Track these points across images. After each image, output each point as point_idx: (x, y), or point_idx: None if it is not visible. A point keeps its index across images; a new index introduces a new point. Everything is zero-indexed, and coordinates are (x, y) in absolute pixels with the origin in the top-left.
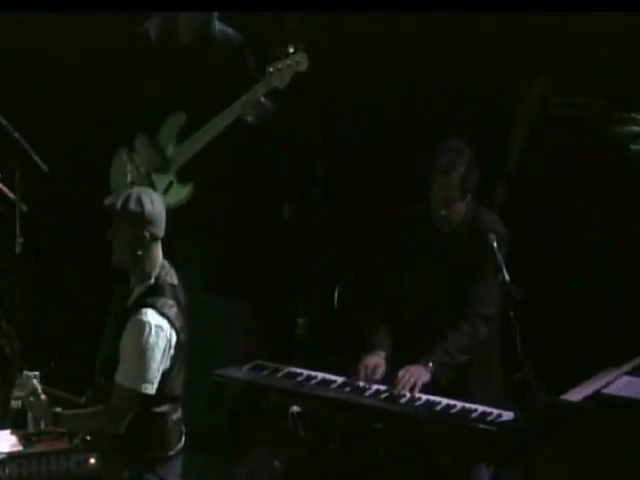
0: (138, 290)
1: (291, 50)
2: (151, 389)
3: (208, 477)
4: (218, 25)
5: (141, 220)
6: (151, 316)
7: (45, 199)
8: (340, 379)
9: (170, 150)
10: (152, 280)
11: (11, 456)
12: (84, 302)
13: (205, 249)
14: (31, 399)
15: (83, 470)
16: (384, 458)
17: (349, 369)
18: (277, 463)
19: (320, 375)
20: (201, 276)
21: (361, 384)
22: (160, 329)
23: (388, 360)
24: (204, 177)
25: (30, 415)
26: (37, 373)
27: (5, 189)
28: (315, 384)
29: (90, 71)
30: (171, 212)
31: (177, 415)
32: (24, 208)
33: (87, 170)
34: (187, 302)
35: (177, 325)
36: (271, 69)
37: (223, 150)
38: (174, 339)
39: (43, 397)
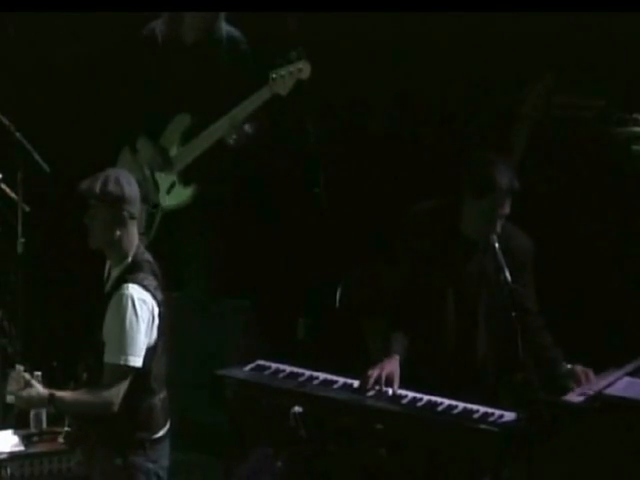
0: (117, 271)
1: (294, 57)
2: (139, 362)
3: (208, 477)
4: (225, 26)
5: (121, 201)
6: (133, 289)
7: (47, 199)
8: (342, 379)
9: (174, 151)
10: (130, 259)
11: (13, 456)
12: (86, 302)
13: (207, 249)
14: (24, 393)
15: (84, 470)
16: (386, 459)
17: (351, 369)
18: (278, 463)
19: (322, 375)
20: (203, 276)
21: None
22: (143, 302)
23: (402, 365)
24: (206, 178)
25: (32, 415)
26: (39, 373)
27: (7, 189)
28: (317, 384)
29: (93, 71)
30: (173, 212)
31: (163, 394)
32: (26, 208)
33: (89, 170)
34: (163, 278)
35: (158, 298)
36: (274, 75)
37: (225, 151)
38: (156, 311)
39: (34, 383)
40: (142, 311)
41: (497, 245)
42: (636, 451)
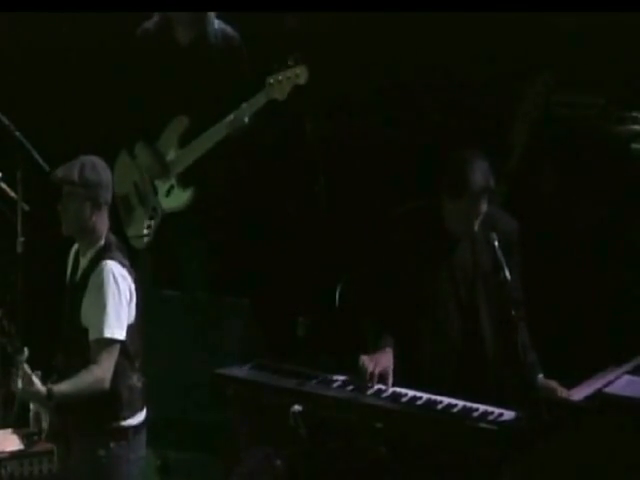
0: (90, 253)
1: (291, 62)
2: (123, 335)
3: (208, 476)
4: (217, 23)
5: (98, 187)
6: (112, 266)
7: (46, 198)
8: (341, 378)
9: (171, 154)
10: (102, 241)
11: (12, 455)
12: None
13: (206, 249)
14: (25, 387)
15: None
16: (385, 457)
17: (351, 368)
18: (278, 462)
19: (321, 374)
20: (202, 276)
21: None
22: (122, 277)
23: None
24: (205, 180)
25: (32, 415)
26: (38, 372)
27: (7, 188)
28: (316, 383)
29: (91, 70)
30: (172, 213)
31: (140, 376)
32: (25, 207)
33: None
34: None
35: (133, 276)
36: (271, 80)
37: (224, 151)
38: (133, 288)
39: (35, 379)
40: (123, 286)
41: (497, 244)
42: (636, 450)
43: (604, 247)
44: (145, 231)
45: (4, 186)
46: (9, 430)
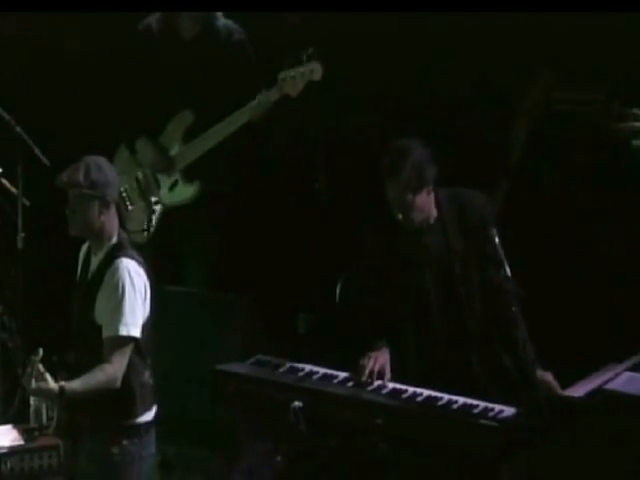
0: (103, 252)
1: (304, 58)
2: (138, 332)
3: (209, 472)
4: (222, 20)
5: (105, 187)
6: (127, 263)
7: (47, 193)
8: (342, 374)
9: (175, 149)
10: (114, 239)
11: (13, 450)
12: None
13: (207, 245)
14: (35, 385)
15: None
16: (385, 453)
17: (351, 364)
18: (278, 458)
19: (322, 370)
20: (203, 271)
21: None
22: (137, 274)
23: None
24: (209, 176)
25: (32, 410)
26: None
27: (7, 183)
28: (317, 379)
29: (93, 65)
30: (173, 209)
31: (150, 373)
32: (26, 202)
33: None
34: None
35: (147, 273)
36: (284, 76)
37: (227, 148)
38: (147, 285)
39: (47, 376)
40: (138, 283)
41: (497, 240)
42: (636, 446)
43: (604, 243)
44: (146, 226)
45: (4, 181)
46: (9, 426)
